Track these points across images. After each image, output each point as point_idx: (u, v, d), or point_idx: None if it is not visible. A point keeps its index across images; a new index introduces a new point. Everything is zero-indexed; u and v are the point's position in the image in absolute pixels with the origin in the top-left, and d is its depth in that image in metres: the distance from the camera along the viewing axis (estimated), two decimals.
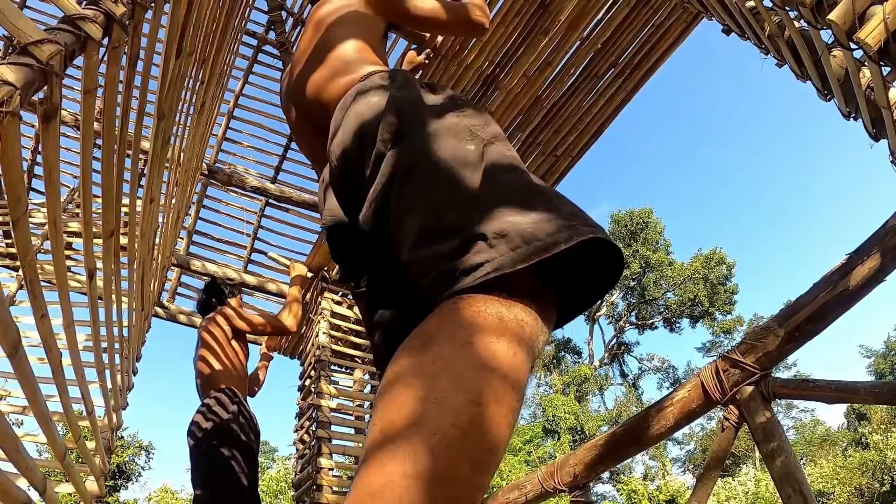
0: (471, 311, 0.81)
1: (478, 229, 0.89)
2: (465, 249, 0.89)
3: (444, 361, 0.73)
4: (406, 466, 0.63)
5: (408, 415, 0.69)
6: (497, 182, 0.97)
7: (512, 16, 3.22)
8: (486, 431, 0.69)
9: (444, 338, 0.77)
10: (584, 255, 0.92)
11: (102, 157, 1.28)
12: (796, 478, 2.09)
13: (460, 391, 0.70)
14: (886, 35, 1.05)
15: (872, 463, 19.41)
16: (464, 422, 0.68)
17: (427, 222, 0.97)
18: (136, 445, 23.12)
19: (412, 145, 1.08)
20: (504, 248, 0.85)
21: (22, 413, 2.80)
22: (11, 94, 0.69)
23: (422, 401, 0.69)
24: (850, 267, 2.01)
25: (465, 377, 0.72)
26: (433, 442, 0.65)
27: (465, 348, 0.75)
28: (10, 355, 1.02)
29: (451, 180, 1.00)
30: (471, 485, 0.67)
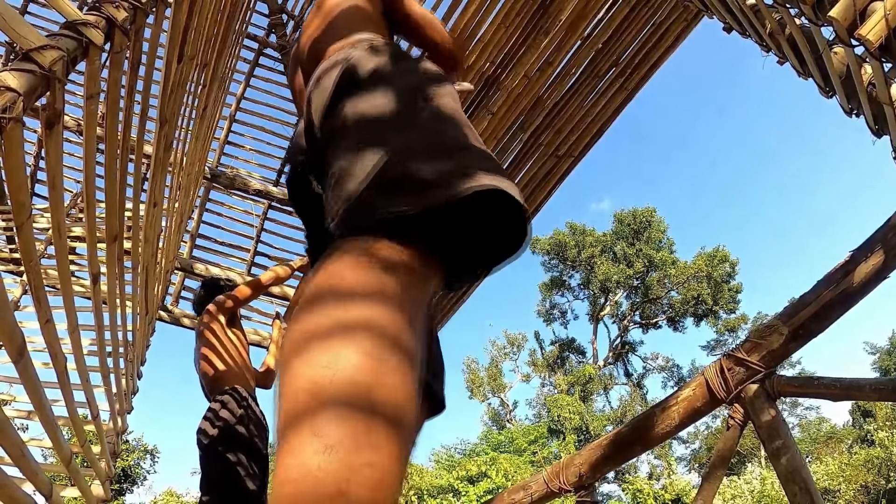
0: (350, 256, 0.80)
1: (378, 176, 0.91)
2: (364, 194, 0.90)
3: (323, 323, 0.72)
4: (315, 444, 0.61)
5: (302, 386, 0.66)
6: (417, 134, 0.98)
7: (513, 16, 3.23)
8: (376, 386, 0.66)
9: (320, 297, 0.76)
10: (496, 213, 0.92)
11: (105, 162, 1.29)
12: (802, 475, 2.09)
13: (343, 356, 0.67)
14: (887, 31, 1.05)
15: (878, 460, 19.36)
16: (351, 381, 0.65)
17: (342, 166, 1.00)
18: (142, 449, 23.15)
19: (364, 88, 1.12)
20: (397, 195, 0.86)
21: (27, 418, 2.80)
22: (14, 99, 0.69)
23: (310, 371, 0.67)
24: (853, 264, 2.01)
25: (344, 343, 0.69)
26: (331, 412, 0.63)
27: (337, 307, 0.73)
28: (16, 360, 1.02)
29: (375, 131, 1.02)
30: (385, 447, 0.64)
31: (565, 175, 3.86)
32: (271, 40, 5.27)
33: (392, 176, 0.91)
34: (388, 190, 0.89)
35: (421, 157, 0.92)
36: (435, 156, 0.93)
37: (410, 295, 0.78)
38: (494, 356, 33.61)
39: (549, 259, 34.23)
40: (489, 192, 0.89)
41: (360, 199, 0.91)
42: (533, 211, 3.96)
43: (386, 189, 0.89)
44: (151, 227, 2.28)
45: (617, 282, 32.60)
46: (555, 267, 34.48)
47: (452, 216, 0.88)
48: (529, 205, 3.92)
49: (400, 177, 0.90)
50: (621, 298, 34.13)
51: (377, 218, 0.84)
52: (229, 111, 5.31)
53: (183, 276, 5.28)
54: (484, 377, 32.91)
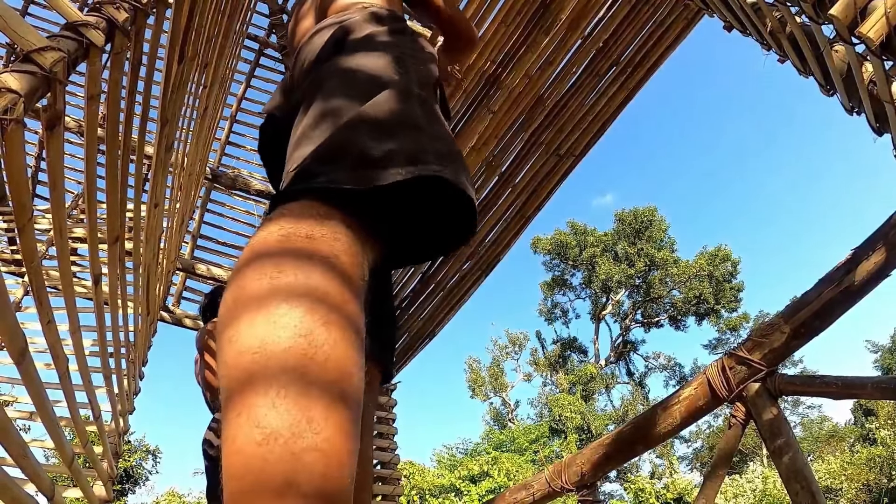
0: (283, 220, 0.78)
1: (327, 145, 0.91)
2: (310, 160, 0.90)
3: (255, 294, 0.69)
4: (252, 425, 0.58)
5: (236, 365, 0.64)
6: (380, 108, 0.96)
7: (513, 15, 3.22)
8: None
9: (255, 263, 0.73)
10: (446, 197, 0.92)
11: (106, 163, 1.29)
12: (804, 474, 2.09)
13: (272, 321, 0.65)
14: (888, 29, 1.05)
15: (880, 458, 19.33)
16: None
17: (306, 125, 1.00)
18: (144, 450, 23.16)
19: (347, 53, 1.13)
20: (341, 167, 0.85)
21: (29, 419, 2.80)
22: (15, 101, 0.69)
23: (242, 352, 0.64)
24: (855, 262, 2.00)
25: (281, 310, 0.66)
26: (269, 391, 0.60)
27: (266, 276, 0.70)
28: (17, 362, 1.02)
29: (344, 97, 1.01)
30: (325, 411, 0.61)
31: (567, 174, 3.86)
32: (272, 41, 5.27)
33: (340, 147, 0.90)
34: (332, 160, 0.88)
35: (375, 133, 0.90)
36: (389, 133, 0.91)
37: (344, 263, 0.75)
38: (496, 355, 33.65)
39: (550, 258, 34.26)
40: (438, 180, 0.88)
41: (307, 164, 0.90)
42: (534, 210, 3.95)
43: (330, 159, 0.88)
44: (153, 228, 2.29)
45: (618, 281, 32.60)
46: (556, 266, 34.50)
47: (396, 193, 0.87)
48: (531, 204, 3.92)
49: (347, 149, 0.89)
50: (623, 297, 34.14)
51: (314, 186, 0.83)
52: (230, 111, 5.32)
53: (184, 276, 5.28)
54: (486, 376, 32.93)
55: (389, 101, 0.97)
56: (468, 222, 0.97)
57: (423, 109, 1.00)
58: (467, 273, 4.21)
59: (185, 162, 2.74)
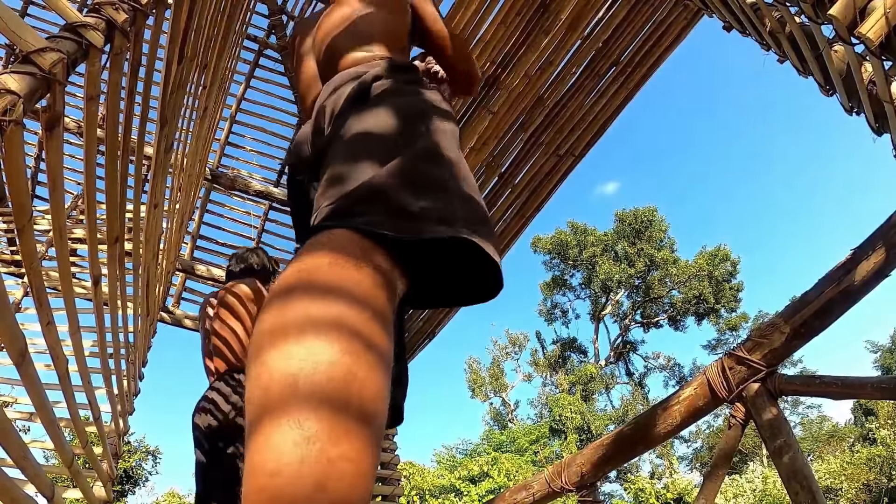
0: (327, 251, 0.81)
1: (366, 190, 0.94)
2: (348, 201, 0.94)
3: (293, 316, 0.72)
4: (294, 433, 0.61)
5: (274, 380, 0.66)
6: (410, 162, 1.01)
7: (513, 16, 3.23)
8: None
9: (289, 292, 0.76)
10: (476, 258, 0.97)
11: (106, 164, 1.29)
12: (804, 474, 2.09)
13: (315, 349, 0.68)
14: (888, 29, 1.05)
15: (880, 458, 19.33)
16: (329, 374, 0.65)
17: (339, 168, 1.04)
18: (143, 450, 23.15)
19: (371, 106, 1.18)
20: (379, 212, 0.90)
21: (29, 420, 2.80)
22: (15, 102, 0.69)
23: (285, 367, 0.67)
24: (854, 262, 2.00)
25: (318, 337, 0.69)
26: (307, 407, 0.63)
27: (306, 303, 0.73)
28: (17, 363, 1.02)
29: (381, 140, 1.07)
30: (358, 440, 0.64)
31: (566, 174, 3.86)
32: (271, 41, 5.28)
33: (380, 193, 0.94)
34: (371, 203, 0.92)
35: (409, 188, 0.95)
36: (423, 191, 0.96)
37: (383, 296, 0.79)
38: (496, 356, 33.64)
39: (550, 258, 34.24)
40: (467, 243, 0.94)
41: (344, 204, 0.94)
42: (534, 210, 3.96)
43: (369, 202, 0.92)
44: (152, 229, 2.29)
45: (618, 281, 32.59)
46: (556, 266, 34.49)
47: (426, 247, 0.93)
48: (531, 204, 3.92)
49: (386, 197, 0.93)
50: (622, 298, 34.13)
51: (354, 225, 0.87)
52: (230, 112, 5.32)
53: (184, 277, 5.28)
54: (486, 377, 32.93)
55: (421, 160, 1.03)
56: (493, 282, 1.03)
57: (451, 173, 1.05)
58: None
59: (185, 162, 2.74)
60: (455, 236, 0.91)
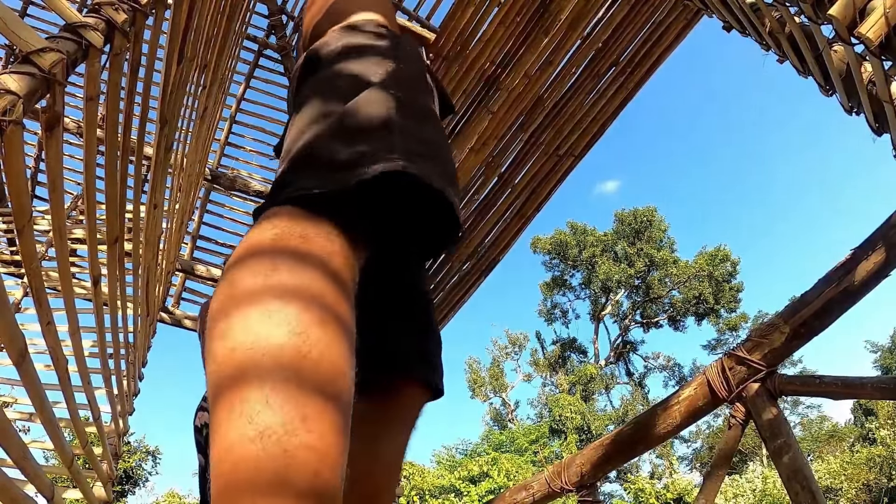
0: (268, 224, 0.77)
1: (298, 155, 0.91)
2: (285, 172, 0.90)
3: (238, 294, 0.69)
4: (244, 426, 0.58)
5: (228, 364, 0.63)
6: (354, 111, 0.95)
7: (513, 16, 3.23)
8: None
9: (237, 269, 0.73)
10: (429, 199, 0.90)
11: (106, 164, 1.29)
12: (804, 474, 2.09)
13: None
14: (887, 29, 1.05)
15: (880, 458, 19.33)
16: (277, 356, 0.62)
17: (286, 146, 1.01)
18: (143, 451, 23.15)
19: (309, 84, 1.14)
20: (310, 175, 0.85)
21: (29, 420, 2.80)
22: (14, 102, 0.69)
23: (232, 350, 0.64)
24: (854, 262, 2.00)
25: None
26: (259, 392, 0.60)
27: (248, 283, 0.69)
28: (17, 363, 1.02)
29: (320, 109, 1.01)
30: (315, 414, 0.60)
31: (566, 174, 3.86)
32: (271, 41, 5.27)
33: (310, 155, 0.90)
34: (303, 168, 0.88)
35: (345, 138, 0.89)
36: (359, 137, 0.90)
37: (336, 264, 0.75)
38: (496, 356, 33.65)
39: (550, 258, 34.25)
40: (407, 177, 0.86)
41: (280, 177, 0.90)
42: (534, 210, 3.95)
43: (301, 167, 0.88)
44: (152, 229, 2.29)
45: (618, 281, 32.60)
46: (556, 266, 34.51)
47: (374, 197, 0.86)
48: (530, 204, 3.92)
49: (316, 156, 0.89)
50: (622, 298, 34.15)
51: (286, 196, 0.83)
52: (229, 112, 5.32)
53: (184, 277, 5.28)
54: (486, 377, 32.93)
55: (364, 105, 0.96)
56: (451, 223, 0.94)
57: (399, 110, 0.97)
58: (467, 273, 4.21)
59: (185, 163, 2.74)
60: (385, 171, 0.82)
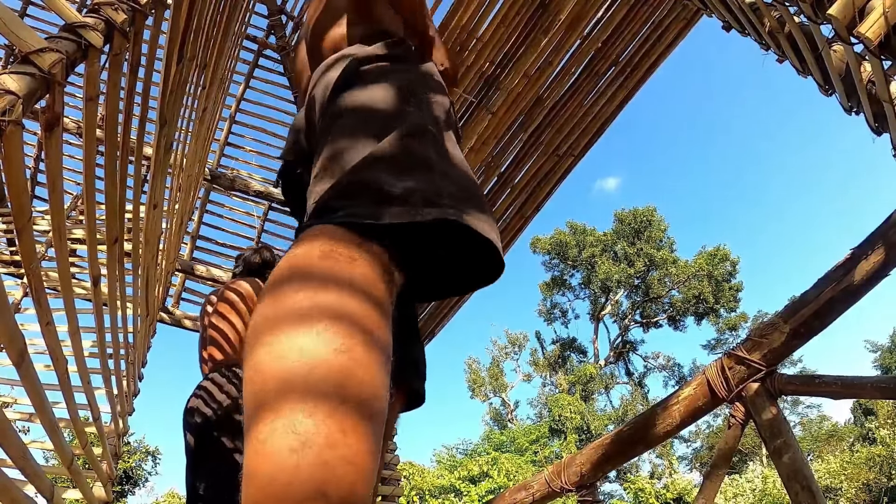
0: (318, 243, 0.79)
1: (348, 179, 0.92)
2: (332, 193, 0.92)
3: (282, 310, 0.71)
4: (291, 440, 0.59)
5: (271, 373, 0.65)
6: (396, 142, 0.98)
7: (512, 16, 3.23)
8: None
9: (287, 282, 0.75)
10: (465, 239, 0.93)
11: (105, 164, 1.29)
12: (804, 474, 2.09)
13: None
14: (887, 29, 1.05)
15: (880, 458, 19.33)
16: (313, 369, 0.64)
17: (327, 160, 1.01)
18: (143, 451, 23.14)
19: (359, 88, 1.15)
20: (361, 203, 0.87)
21: (28, 420, 2.80)
22: (14, 103, 0.69)
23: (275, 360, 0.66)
24: (854, 262, 2.00)
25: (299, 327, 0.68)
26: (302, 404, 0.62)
27: (296, 297, 0.72)
28: (17, 363, 1.02)
29: (366, 126, 1.03)
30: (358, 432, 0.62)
31: (566, 174, 3.86)
32: (270, 41, 5.27)
33: (359, 182, 0.91)
34: (352, 195, 0.90)
35: (392, 171, 0.92)
36: (405, 171, 0.92)
37: (378, 287, 0.78)
38: (496, 356, 33.64)
39: (549, 258, 34.25)
40: (455, 224, 0.89)
41: (327, 199, 0.92)
42: (534, 210, 3.96)
43: (350, 194, 0.90)
44: (152, 229, 2.28)
45: (618, 281, 32.60)
46: (555, 266, 34.50)
47: (419, 231, 0.89)
48: (530, 204, 3.92)
49: (366, 185, 0.91)
50: (622, 297, 34.14)
51: (338, 220, 0.85)
52: (229, 112, 5.32)
53: (184, 277, 5.28)
54: (485, 377, 32.93)
55: (404, 138, 0.99)
56: (493, 262, 0.99)
57: (437, 148, 1.01)
58: None
59: (184, 163, 2.74)
60: (438, 218, 0.86)
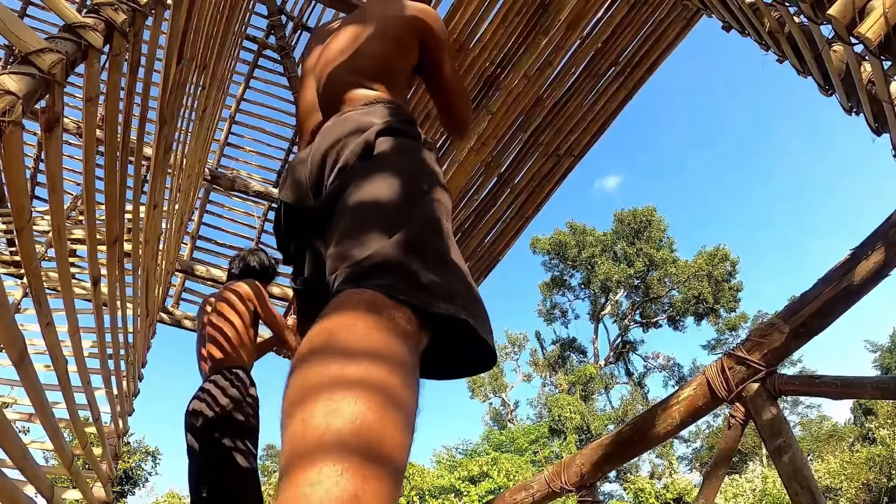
0: (357, 311, 0.88)
1: (380, 258, 1.01)
2: (367, 263, 1.01)
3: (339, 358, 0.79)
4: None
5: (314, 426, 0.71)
6: (415, 230, 1.09)
7: (512, 16, 3.22)
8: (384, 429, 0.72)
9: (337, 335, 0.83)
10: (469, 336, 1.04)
11: (105, 165, 1.29)
12: (804, 474, 2.09)
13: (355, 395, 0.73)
14: (887, 29, 1.05)
15: (880, 458, 19.32)
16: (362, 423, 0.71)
17: (353, 228, 1.11)
18: (143, 451, 23.14)
19: (376, 165, 1.25)
20: (400, 281, 0.97)
21: (28, 420, 2.80)
22: (14, 103, 0.69)
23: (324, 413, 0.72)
24: (854, 262, 2.01)
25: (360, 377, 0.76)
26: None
27: (355, 342, 0.81)
28: (17, 364, 1.02)
29: (388, 204, 1.14)
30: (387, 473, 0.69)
31: (566, 174, 3.86)
32: (270, 42, 5.27)
33: (392, 263, 1.01)
34: (388, 272, 0.99)
35: (418, 259, 1.03)
36: (431, 265, 1.03)
37: (406, 349, 0.86)
38: None
39: (549, 259, 34.23)
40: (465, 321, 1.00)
41: (361, 270, 1.00)
42: (534, 210, 3.96)
43: (385, 270, 0.99)
44: (152, 230, 2.28)
45: (617, 281, 32.59)
46: (555, 266, 34.48)
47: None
48: (530, 204, 3.92)
49: (398, 266, 1.00)
50: (622, 298, 34.13)
51: (374, 286, 0.94)
52: (229, 112, 5.32)
53: (184, 277, 5.28)
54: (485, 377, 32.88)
55: (428, 232, 1.11)
56: (487, 356, 1.11)
57: (449, 246, 1.13)
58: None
59: (184, 163, 2.74)
60: (456, 316, 0.98)
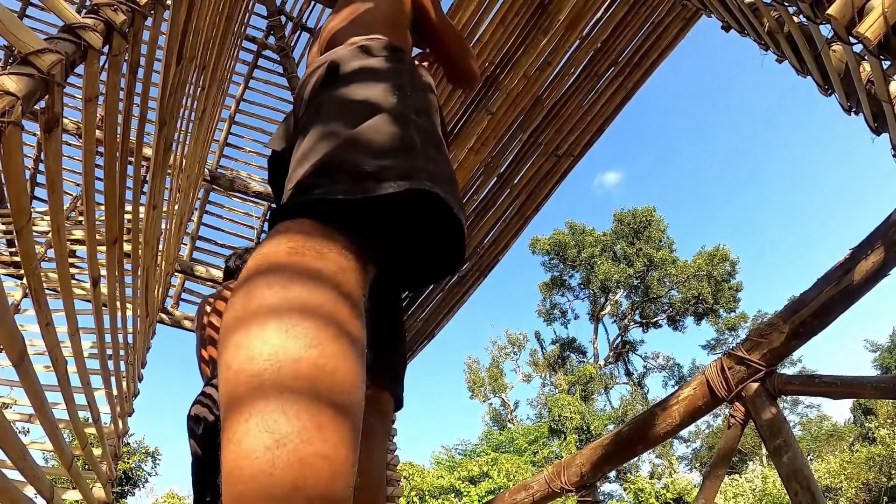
0: (286, 237, 0.80)
1: (322, 162, 0.93)
2: (307, 177, 0.93)
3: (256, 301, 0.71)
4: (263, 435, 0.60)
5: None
6: (375, 129, 0.99)
7: (511, 16, 3.23)
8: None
9: (254, 281, 0.75)
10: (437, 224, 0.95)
11: (105, 165, 1.29)
12: (804, 474, 2.09)
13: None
14: (886, 29, 1.05)
15: (879, 457, 19.33)
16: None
17: (303, 150, 1.03)
18: (143, 452, 23.14)
19: (336, 86, 1.16)
20: (337, 181, 0.88)
21: (28, 421, 2.80)
22: (13, 103, 0.69)
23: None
24: (853, 262, 2.01)
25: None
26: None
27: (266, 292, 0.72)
28: (16, 364, 1.02)
29: (339, 122, 1.04)
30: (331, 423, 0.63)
31: (565, 174, 3.86)
32: (270, 42, 5.27)
33: (337, 162, 0.93)
34: (329, 174, 0.91)
35: (370, 151, 0.93)
36: (384, 152, 0.94)
37: (349, 280, 0.78)
38: (495, 356, 33.64)
39: (549, 259, 34.24)
40: (429, 198, 0.91)
41: (303, 180, 0.93)
42: (533, 211, 3.95)
43: (327, 173, 0.91)
44: (151, 230, 2.28)
45: (617, 281, 32.60)
46: (555, 267, 34.50)
47: (390, 215, 0.91)
48: (529, 204, 3.92)
49: (343, 165, 0.92)
50: (621, 298, 34.14)
51: (311, 199, 0.86)
52: (228, 113, 5.32)
53: (183, 278, 5.28)
54: (485, 377, 32.92)
55: (385, 124, 1.00)
56: (457, 248, 1.01)
57: (420, 135, 1.03)
58: (466, 274, 4.21)
59: (184, 163, 2.74)
60: (412, 188, 0.88)
